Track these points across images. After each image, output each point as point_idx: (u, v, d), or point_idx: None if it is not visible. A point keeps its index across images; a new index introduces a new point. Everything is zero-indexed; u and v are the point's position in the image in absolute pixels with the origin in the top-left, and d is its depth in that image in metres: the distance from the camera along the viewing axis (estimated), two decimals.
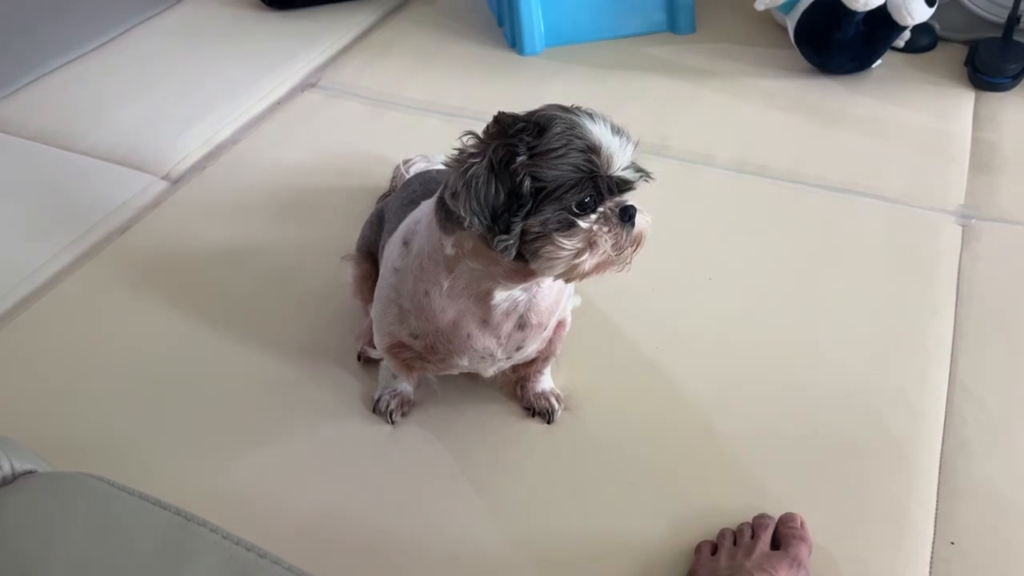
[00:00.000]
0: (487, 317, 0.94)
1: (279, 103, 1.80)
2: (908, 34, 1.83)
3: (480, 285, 0.92)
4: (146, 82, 1.85)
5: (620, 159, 0.83)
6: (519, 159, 0.80)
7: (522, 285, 0.92)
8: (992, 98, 1.75)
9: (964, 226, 1.44)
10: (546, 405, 1.13)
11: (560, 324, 1.06)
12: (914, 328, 1.26)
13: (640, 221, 0.87)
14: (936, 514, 1.03)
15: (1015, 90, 1.77)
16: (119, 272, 1.38)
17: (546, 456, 1.10)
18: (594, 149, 0.81)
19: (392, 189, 1.41)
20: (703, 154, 1.61)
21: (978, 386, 1.17)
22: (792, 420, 1.13)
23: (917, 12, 1.69)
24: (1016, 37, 1.81)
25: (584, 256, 0.83)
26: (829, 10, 1.72)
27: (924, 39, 1.88)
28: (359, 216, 1.27)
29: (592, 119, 0.83)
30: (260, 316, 1.29)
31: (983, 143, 1.64)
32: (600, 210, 0.83)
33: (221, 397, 1.18)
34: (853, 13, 1.70)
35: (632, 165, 0.84)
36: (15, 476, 0.59)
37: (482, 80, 1.86)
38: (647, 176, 0.86)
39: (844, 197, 1.50)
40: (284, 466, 1.09)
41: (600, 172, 0.82)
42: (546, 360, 1.11)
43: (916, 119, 1.70)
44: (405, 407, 1.14)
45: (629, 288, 1.30)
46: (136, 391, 1.19)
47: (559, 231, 0.82)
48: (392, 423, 1.13)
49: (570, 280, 0.88)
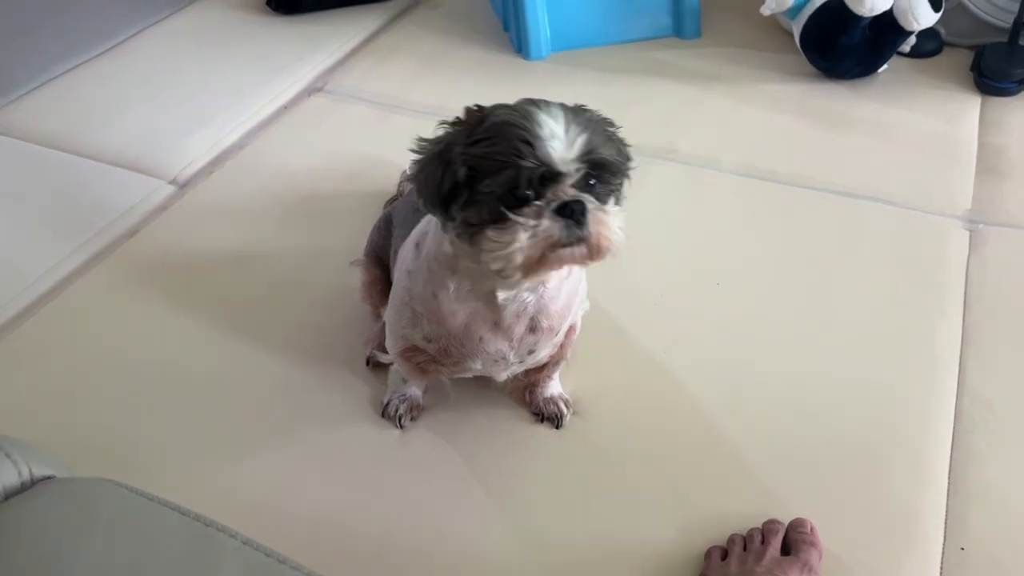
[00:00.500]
0: (498, 320, 0.94)
1: (285, 107, 1.80)
2: (914, 39, 1.83)
3: (483, 285, 0.91)
4: (153, 86, 1.85)
5: (561, 151, 0.78)
6: (455, 149, 0.80)
7: (525, 285, 0.91)
8: (998, 103, 1.75)
9: (971, 231, 1.44)
10: (555, 410, 1.13)
11: (571, 329, 1.06)
12: (922, 333, 1.26)
13: (595, 220, 0.80)
14: (946, 520, 1.03)
15: (1021, 95, 1.77)
16: (127, 276, 1.38)
17: (555, 461, 1.10)
18: (526, 139, 0.78)
19: (400, 194, 1.41)
20: (710, 158, 1.62)
21: (987, 391, 1.17)
22: (801, 425, 1.13)
23: (923, 17, 1.69)
24: (1022, 42, 1.81)
25: (513, 248, 0.79)
26: (835, 15, 1.73)
27: (930, 44, 1.88)
28: (367, 221, 1.28)
29: (543, 109, 0.79)
30: (268, 320, 1.29)
31: (989, 148, 1.64)
32: (536, 204, 0.80)
33: (229, 401, 1.18)
34: (859, 18, 1.70)
35: (587, 159, 0.79)
36: (34, 481, 0.59)
37: (488, 84, 1.86)
38: (603, 171, 0.81)
39: (851, 201, 1.50)
40: (293, 470, 1.09)
41: (526, 162, 0.77)
42: (556, 364, 1.11)
43: (922, 124, 1.70)
44: (414, 411, 1.14)
45: (636, 292, 1.30)
46: (144, 395, 1.19)
47: (492, 223, 0.80)
48: (401, 427, 1.13)
49: (508, 277, 0.84)
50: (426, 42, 2.03)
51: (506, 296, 0.92)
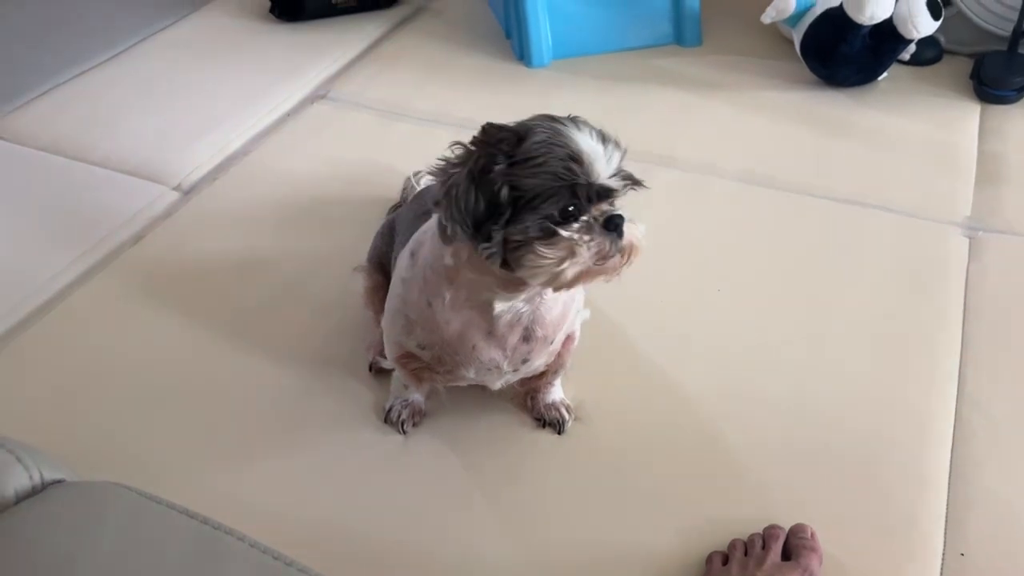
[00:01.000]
0: (491, 328, 0.95)
1: (289, 115, 1.81)
2: (914, 47, 1.83)
3: (480, 295, 0.92)
4: (157, 93, 1.86)
5: (604, 167, 0.82)
6: (497, 168, 0.81)
7: (522, 296, 0.92)
8: (997, 111, 1.76)
9: (971, 238, 1.44)
10: (557, 416, 1.14)
11: (569, 338, 1.07)
12: (922, 339, 1.26)
13: (629, 231, 0.85)
14: (946, 525, 1.03)
15: (1020, 103, 1.78)
16: (131, 282, 1.39)
17: (556, 466, 1.11)
18: (575, 157, 0.81)
19: (403, 201, 1.42)
20: (710, 165, 1.62)
21: (986, 397, 1.18)
22: (801, 431, 1.14)
23: (923, 25, 1.70)
24: (1021, 50, 1.82)
25: (565, 265, 0.83)
26: (835, 23, 1.74)
27: (929, 52, 1.89)
28: (370, 227, 1.28)
29: (577, 127, 0.82)
30: (272, 326, 1.30)
31: (989, 155, 1.64)
32: (584, 219, 0.83)
33: (232, 407, 1.18)
34: (859, 26, 1.71)
35: (620, 173, 0.84)
36: (44, 485, 0.60)
37: (490, 92, 1.87)
38: (635, 184, 0.85)
39: (851, 209, 1.51)
40: (295, 476, 1.10)
41: (580, 180, 0.81)
42: (556, 373, 1.11)
43: (922, 131, 1.71)
44: (416, 417, 1.15)
45: (638, 299, 1.31)
46: (148, 401, 1.19)
47: (540, 239, 0.82)
48: (403, 433, 1.13)
49: (557, 289, 0.88)
50: (428, 50, 2.04)
51: (503, 307, 0.93)
